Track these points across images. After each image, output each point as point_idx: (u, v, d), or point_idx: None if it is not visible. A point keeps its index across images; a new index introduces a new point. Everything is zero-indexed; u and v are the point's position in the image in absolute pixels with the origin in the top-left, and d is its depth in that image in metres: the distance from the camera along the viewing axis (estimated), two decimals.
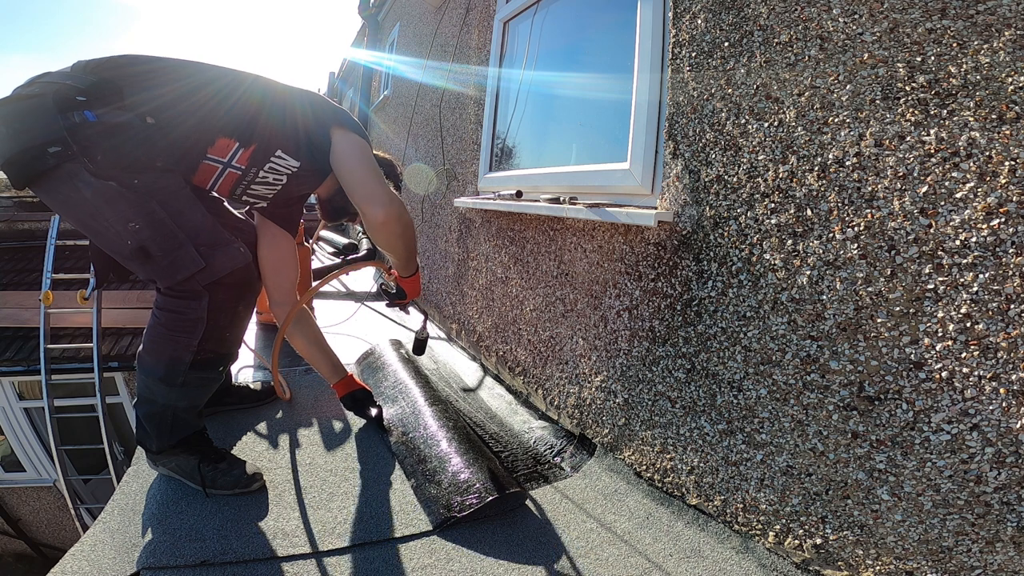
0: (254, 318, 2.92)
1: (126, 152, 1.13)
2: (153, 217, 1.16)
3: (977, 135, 0.79)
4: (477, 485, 1.31)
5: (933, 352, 0.84)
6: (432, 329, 2.94)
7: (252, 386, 1.86)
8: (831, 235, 0.97)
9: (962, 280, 0.80)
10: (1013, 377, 0.76)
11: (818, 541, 1.00)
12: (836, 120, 0.96)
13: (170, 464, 1.33)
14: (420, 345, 1.81)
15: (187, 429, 1.34)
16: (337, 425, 1.74)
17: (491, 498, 1.26)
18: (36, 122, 1.08)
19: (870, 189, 0.91)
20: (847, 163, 0.94)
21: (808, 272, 1.00)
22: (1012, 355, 0.76)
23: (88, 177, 1.11)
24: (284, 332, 1.56)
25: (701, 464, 1.23)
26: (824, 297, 0.98)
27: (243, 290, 1.29)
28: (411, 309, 3.13)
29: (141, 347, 1.28)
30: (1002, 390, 0.77)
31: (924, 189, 0.84)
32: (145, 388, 1.29)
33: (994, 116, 0.77)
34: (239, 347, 1.42)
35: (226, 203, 1.52)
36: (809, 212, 1.01)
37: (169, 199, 1.19)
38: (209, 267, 1.20)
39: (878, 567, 0.91)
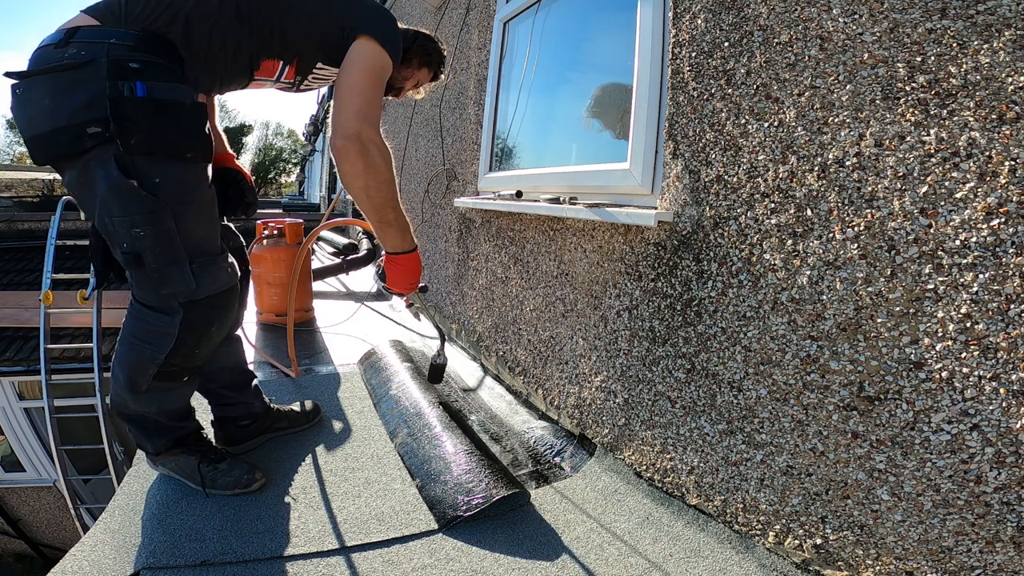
0: (254, 318, 2.93)
1: (162, 134, 1.05)
2: (160, 228, 1.09)
3: (977, 135, 0.79)
4: (482, 485, 1.31)
5: (933, 352, 0.84)
6: (452, 351, 2.59)
7: (294, 408, 1.74)
8: (831, 235, 0.97)
9: (962, 280, 0.80)
10: (1013, 377, 0.76)
11: (818, 541, 1.00)
12: (836, 120, 0.96)
13: (170, 464, 1.33)
14: (436, 372, 1.63)
15: (175, 431, 1.33)
16: (337, 425, 1.74)
17: (496, 498, 1.27)
18: (83, 96, 0.97)
19: (870, 189, 0.91)
20: (847, 163, 0.94)
21: (808, 272, 1.00)
22: (1012, 355, 0.76)
23: (112, 168, 1.02)
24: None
25: (701, 464, 1.23)
26: (824, 297, 0.98)
27: (221, 311, 1.24)
28: (422, 316, 2.91)
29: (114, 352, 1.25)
30: (1002, 390, 0.77)
31: (924, 189, 0.84)
32: (114, 393, 1.27)
33: (994, 116, 0.77)
34: (208, 360, 1.35)
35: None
36: (809, 212, 1.01)
37: (184, 209, 1.12)
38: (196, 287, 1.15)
39: (878, 567, 0.91)
